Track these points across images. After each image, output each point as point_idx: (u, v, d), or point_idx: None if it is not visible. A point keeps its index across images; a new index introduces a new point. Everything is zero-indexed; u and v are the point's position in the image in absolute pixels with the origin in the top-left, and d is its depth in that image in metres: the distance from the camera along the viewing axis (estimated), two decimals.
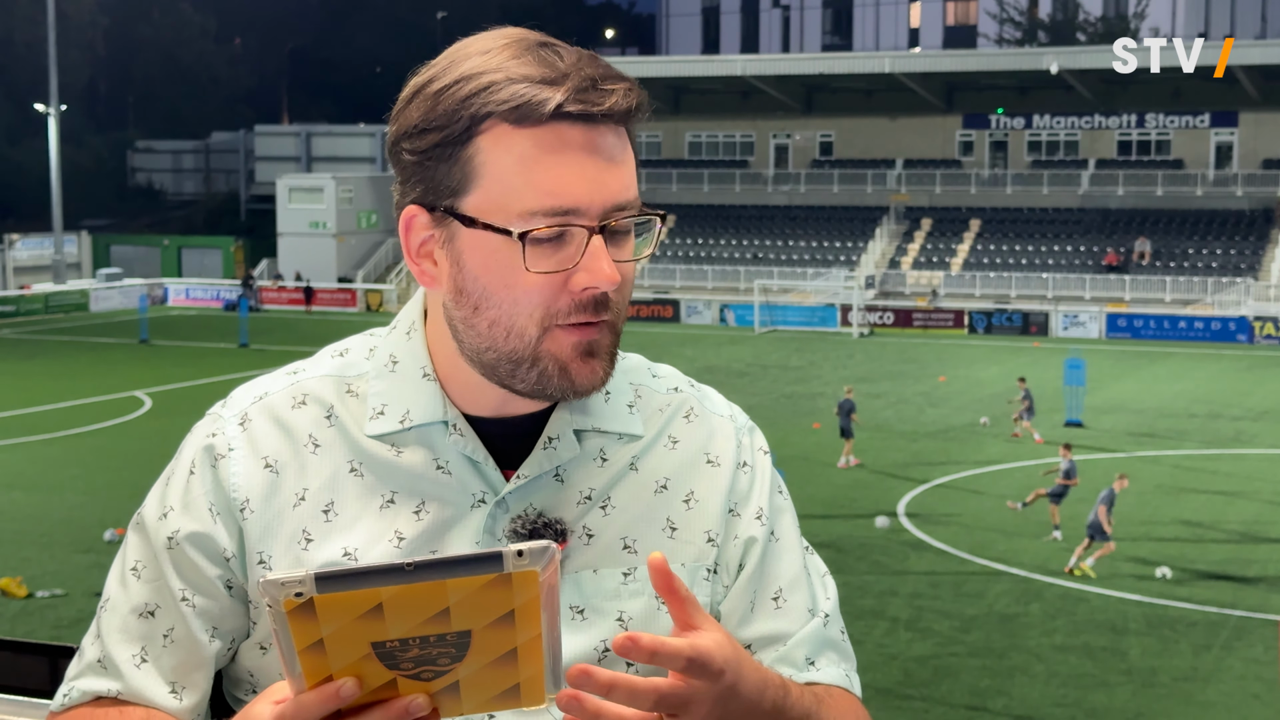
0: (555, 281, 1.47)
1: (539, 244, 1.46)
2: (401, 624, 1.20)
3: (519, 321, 1.49)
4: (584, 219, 1.47)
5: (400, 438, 1.57)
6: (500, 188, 1.46)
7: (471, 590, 1.19)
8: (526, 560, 1.18)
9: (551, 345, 1.49)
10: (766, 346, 42.54)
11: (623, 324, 1.55)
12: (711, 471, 1.63)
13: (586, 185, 1.47)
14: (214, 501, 1.56)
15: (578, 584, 1.55)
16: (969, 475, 23.86)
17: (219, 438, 1.58)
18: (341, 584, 1.18)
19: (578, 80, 1.47)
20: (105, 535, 19.22)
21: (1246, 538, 20.06)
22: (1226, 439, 27.57)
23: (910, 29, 76.14)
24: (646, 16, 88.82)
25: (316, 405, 1.59)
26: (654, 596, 1.55)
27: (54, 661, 4.97)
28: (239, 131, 76.56)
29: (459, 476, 1.55)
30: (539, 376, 1.50)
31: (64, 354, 40.61)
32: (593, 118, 1.48)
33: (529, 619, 1.21)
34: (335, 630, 1.20)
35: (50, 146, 56.91)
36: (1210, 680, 14.46)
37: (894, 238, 54.61)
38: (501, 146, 1.46)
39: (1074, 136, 55.88)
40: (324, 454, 1.57)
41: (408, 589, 1.18)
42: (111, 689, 1.55)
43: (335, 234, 57.81)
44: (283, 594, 1.18)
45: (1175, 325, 44.96)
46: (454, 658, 1.22)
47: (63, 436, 27.54)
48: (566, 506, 1.57)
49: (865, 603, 16.69)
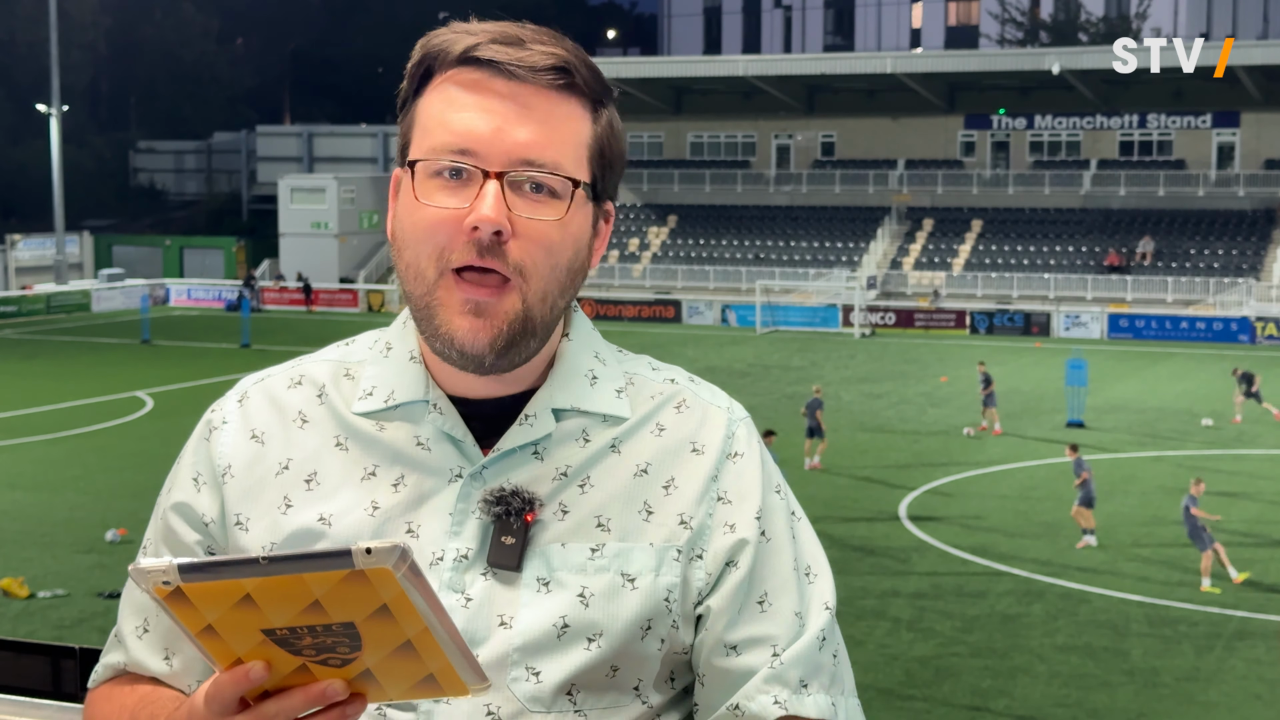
0: (450, 220, 1.51)
1: (439, 179, 1.52)
2: (279, 614, 1.23)
3: (421, 262, 1.53)
4: (480, 161, 1.51)
5: (385, 415, 1.62)
6: (421, 131, 1.56)
7: (331, 585, 1.21)
8: (375, 558, 1.19)
9: (444, 294, 1.53)
10: (768, 347, 42.53)
11: (540, 298, 1.54)
12: (695, 459, 1.62)
13: (488, 129, 1.51)
14: (200, 471, 1.66)
15: (545, 556, 1.56)
16: (971, 476, 23.85)
17: (217, 413, 1.69)
18: (203, 574, 1.23)
19: (499, 35, 1.54)
20: (107, 535, 19.21)
21: (1248, 538, 20.05)
22: (1228, 439, 27.56)
23: (912, 29, 76.11)
24: (648, 17, 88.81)
25: (310, 386, 1.67)
26: (619, 573, 1.56)
27: (55, 662, 4.97)
28: (241, 132, 76.56)
29: (438, 452, 1.59)
30: (432, 329, 1.54)
31: (66, 354, 40.62)
32: (500, 66, 1.52)
33: (406, 615, 1.23)
34: (219, 617, 1.24)
35: (52, 147, 56.94)
36: (1212, 681, 14.45)
37: (896, 238, 54.60)
38: (433, 92, 1.56)
39: (1076, 137, 55.86)
40: (311, 429, 1.64)
41: (269, 581, 1.22)
42: (121, 661, 1.67)
43: (337, 234, 57.81)
44: (150, 581, 1.23)
45: (1177, 326, 44.95)
46: (351, 646, 1.25)
47: (64, 437, 27.55)
48: (543, 482, 1.58)
49: (867, 603, 16.69)
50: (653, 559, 1.57)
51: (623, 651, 1.56)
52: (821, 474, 23.59)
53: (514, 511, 1.56)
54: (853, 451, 25.83)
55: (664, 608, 1.57)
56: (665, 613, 1.57)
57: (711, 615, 1.60)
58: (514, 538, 1.55)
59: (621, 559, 1.57)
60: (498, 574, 1.55)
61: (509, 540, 1.55)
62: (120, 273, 58.15)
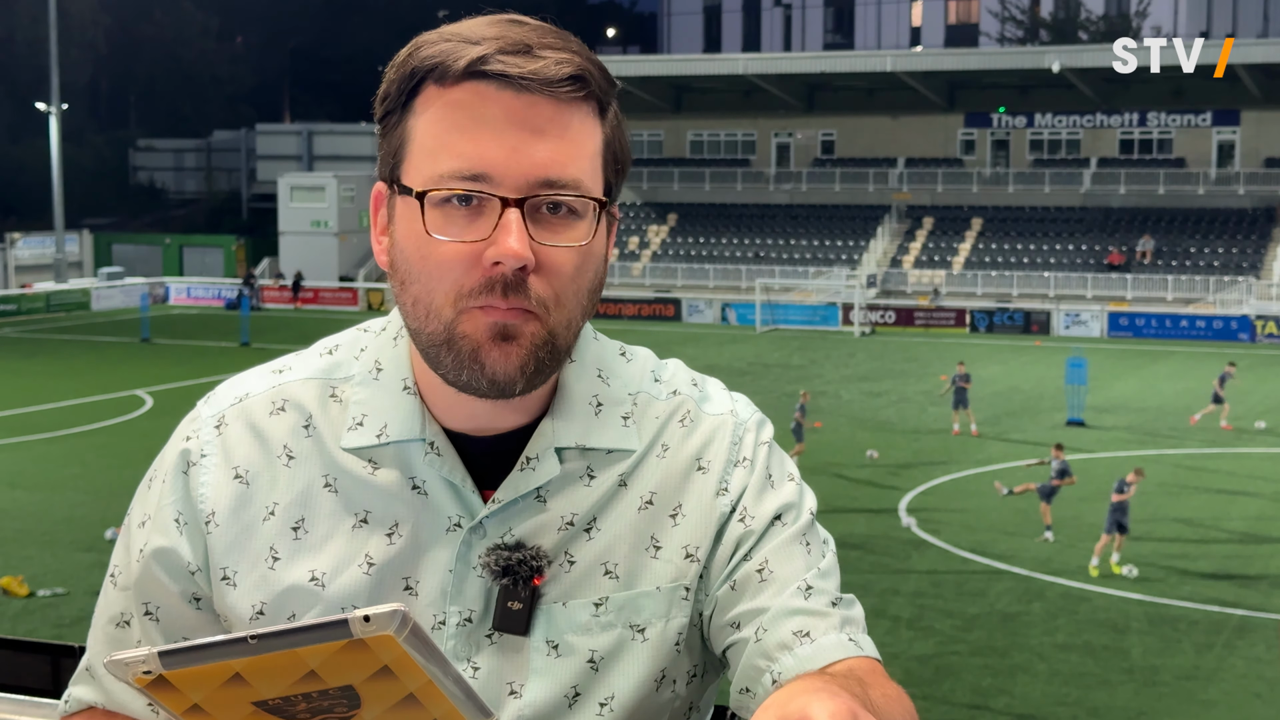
0: (467, 255, 1.37)
1: (449, 208, 1.38)
2: (271, 687, 1.16)
3: (436, 300, 1.40)
4: (497, 188, 1.37)
5: (377, 453, 1.49)
6: (421, 153, 1.40)
7: (328, 655, 1.14)
8: (374, 625, 1.12)
9: (467, 326, 1.39)
10: (768, 345, 42.53)
11: (564, 325, 1.43)
12: (700, 479, 1.53)
13: (504, 152, 1.37)
14: (181, 511, 1.52)
15: (550, 618, 1.47)
16: (971, 474, 23.85)
17: (193, 441, 1.55)
18: (186, 659, 1.15)
19: (507, 42, 1.38)
20: (107, 534, 19.21)
21: (1248, 537, 20.05)
22: (1228, 438, 27.56)
23: (912, 28, 76.10)
24: (648, 15, 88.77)
25: (295, 412, 1.53)
26: (627, 626, 1.48)
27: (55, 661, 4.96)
28: (240, 130, 76.55)
29: (435, 498, 1.48)
30: (454, 361, 1.40)
31: (65, 353, 40.62)
32: (512, 80, 1.37)
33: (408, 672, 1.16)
34: (206, 696, 1.17)
35: (52, 145, 56.91)
36: (1212, 679, 14.45)
37: (895, 236, 54.59)
38: (428, 108, 1.40)
39: (1076, 135, 55.86)
40: (298, 466, 1.51)
41: (259, 659, 1.14)
42: (97, 700, 1.55)
43: (337, 233, 57.81)
44: (129, 673, 1.15)
45: (1177, 324, 44.94)
46: (350, 705, 1.18)
47: (64, 435, 27.54)
48: (547, 532, 1.47)
49: (867, 602, 16.55)
50: (662, 604, 1.50)
51: (636, 709, 1.49)
52: (821, 473, 23.58)
53: (522, 579, 1.46)
54: (852, 450, 25.82)
55: (674, 652, 1.51)
56: (675, 655, 1.51)
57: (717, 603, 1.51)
58: (521, 603, 1.46)
59: (628, 610, 1.49)
60: (505, 639, 1.47)
61: (516, 605, 1.46)
62: (120, 271, 58.13)
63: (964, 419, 27.57)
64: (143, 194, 76.43)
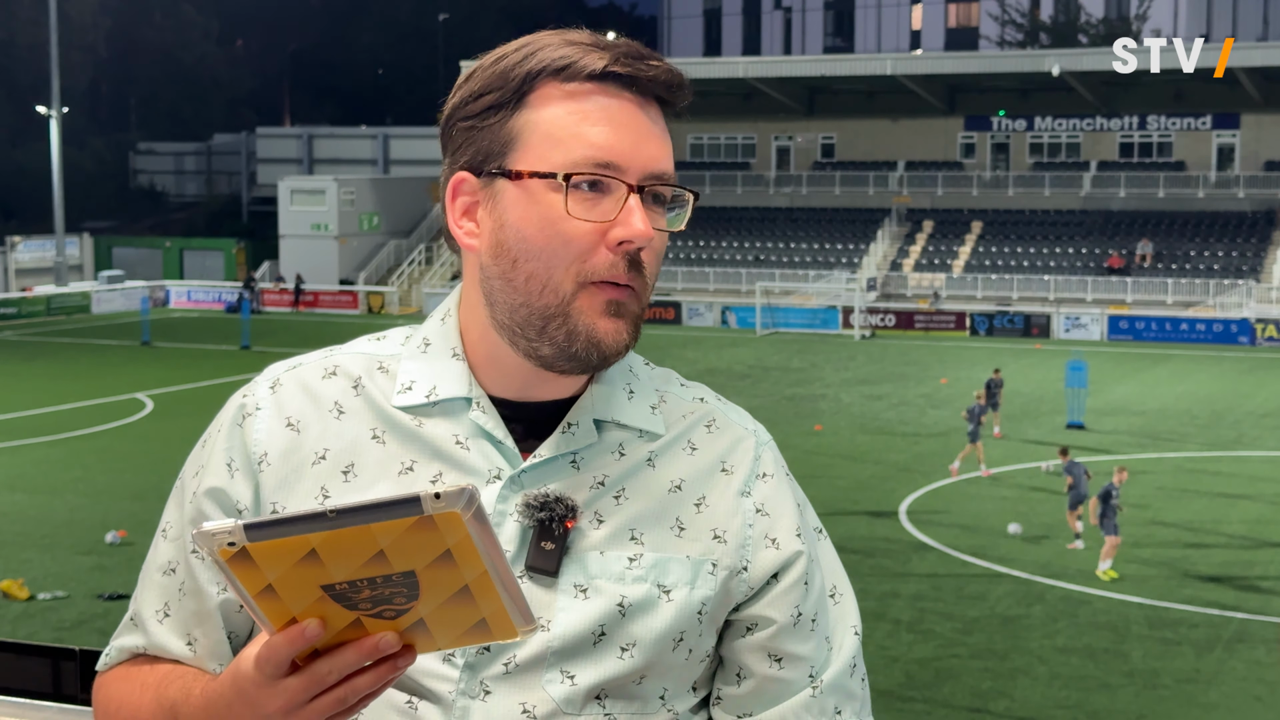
0: (593, 234, 1.53)
1: (580, 191, 1.53)
2: (342, 567, 1.23)
3: (556, 275, 1.54)
4: (624, 174, 1.54)
5: (425, 410, 1.62)
6: (548, 141, 1.54)
7: (399, 534, 1.22)
8: (444, 503, 1.20)
9: (584, 301, 1.54)
10: (768, 348, 42.53)
11: (648, 299, 1.60)
12: (725, 479, 1.66)
13: (629, 144, 1.55)
14: (234, 457, 1.63)
15: (583, 563, 1.58)
16: (971, 477, 23.85)
17: (249, 398, 1.66)
18: (269, 531, 1.22)
19: (625, 49, 1.57)
20: (107, 537, 19.21)
21: (1248, 540, 20.05)
22: (1228, 441, 27.56)
23: (912, 31, 76.13)
24: (648, 18, 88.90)
25: (345, 377, 1.66)
26: (655, 584, 1.59)
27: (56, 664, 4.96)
28: (241, 133, 76.59)
29: (478, 451, 1.60)
30: (567, 335, 1.55)
31: (65, 356, 40.62)
32: (637, 82, 1.56)
33: (468, 558, 1.24)
34: (280, 575, 1.24)
35: (52, 148, 56.92)
36: (1212, 682, 14.45)
37: (895, 240, 54.60)
38: (551, 103, 1.55)
39: (1075, 138, 55.88)
40: (348, 420, 1.63)
41: (336, 534, 1.21)
42: (139, 644, 1.65)
43: (337, 236, 57.81)
44: (215, 544, 1.23)
45: (1177, 327, 44.94)
46: (408, 596, 1.26)
47: (64, 438, 27.54)
48: (579, 490, 1.60)
49: (867, 604, 16.67)
50: (688, 572, 1.61)
51: (653, 661, 1.59)
52: (821, 475, 23.58)
53: (556, 518, 1.57)
54: (852, 453, 25.83)
55: (695, 620, 1.61)
56: (696, 624, 1.61)
57: (759, 623, 1.65)
58: (554, 543, 1.57)
59: (659, 570, 1.60)
60: (535, 578, 1.57)
61: (549, 546, 1.57)
62: (120, 274, 58.14)
63: (989, 420, 27.53)
64: (143, 197, 76.46)
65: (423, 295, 53.53)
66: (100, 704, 1.66)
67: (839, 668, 1.67)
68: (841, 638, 1.70)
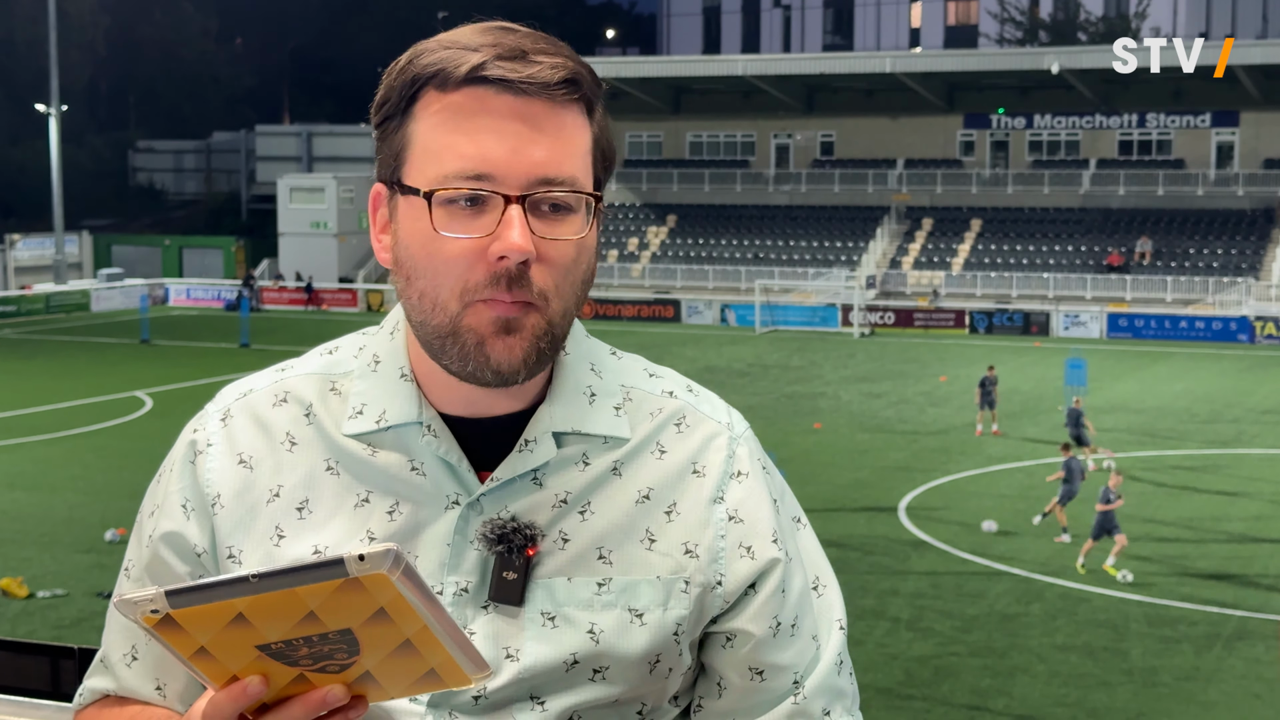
0: (472, 251, 1.45)
1: (454, 207, 1.45)
2: (273, 629, 1.21)
3: (441, 294, 1.47)
4: (500, 186, 1.44)
5: (376, 438, 1.56)
6: (424, 154, 1.48)
7: (326, 595, 1.19)
8: (369, 564, 1.17)
9: (471, 319, 1.46)
10: (767, 346, 42.53)
11: (561, 315, 1.50)
12: (696, 482, 1.58)
13: (504, 151, 1.45)
14: (189, 498, 1.59)
15: (550, 590, 1.52)
16: (970, 475, 23.85)
17: (200, 434, 1.61)
18: (192, 598, 1.20)
19: (503, 49, 1.47)
20: (106, 535, 19.22)
21: (1247, 538, 20.05)
22: (1227, 439, 27.56)
23: (911, 29, 76.10)
24: (647, 16, 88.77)
25: (296, 404, 1.60)
26: (626, 609, 1.53)
27: (55, 662, 4.97)
28: (240, 131, 76.54)
29: (433, 478, 1.54)
30: (460, 353, 1.48)
31: (65, 354, 40.61)
32: (511, 84, 1.45)
33: (404, 615, 1.21)
34: (212, 638, 1.22)
35: (51, 146, 56.91)
36: (1211, 680, 14.45)
37: (895, 238, 54.60)
38: (428, 112, 1.48)
39: (1075, 136, 55.86)
40: (300, 452, 1.57)
41: (261, 599, 1.19)
42: (109, 688, 1.63)
43: (336, 234, 57.81)
44: (138, 612, 1.20)
45: (1176, 325, 44.95)
46: (349, 652, 1.23)
47: (64, 436, 27.54)
48: (542, 510, 1.53)
49: (866, 602, 16.68)
50: (660, 593, 1.55)
51: (629, 684, 1.55)
52: (820, 473, 23.59)
53: (516, 548, 1.52)
54: (852, 451, 25.84)
55: (672, 641, 1.55)
56: (674, 645, 1.56)
57: (737, 636, 1.58)
58: (515, 573, 1.52)
59: (629, 594, 1.54)
60: (500, 609, 1.52)
61: (510, 575, 1.52)
62: (119, 272, 58.13)
63: (987, 419, 27.60)
64: (142, 195, 76.43)
65: None
66: None
67: (825, 667, 1.61)
68: (826, 634, 1.62)
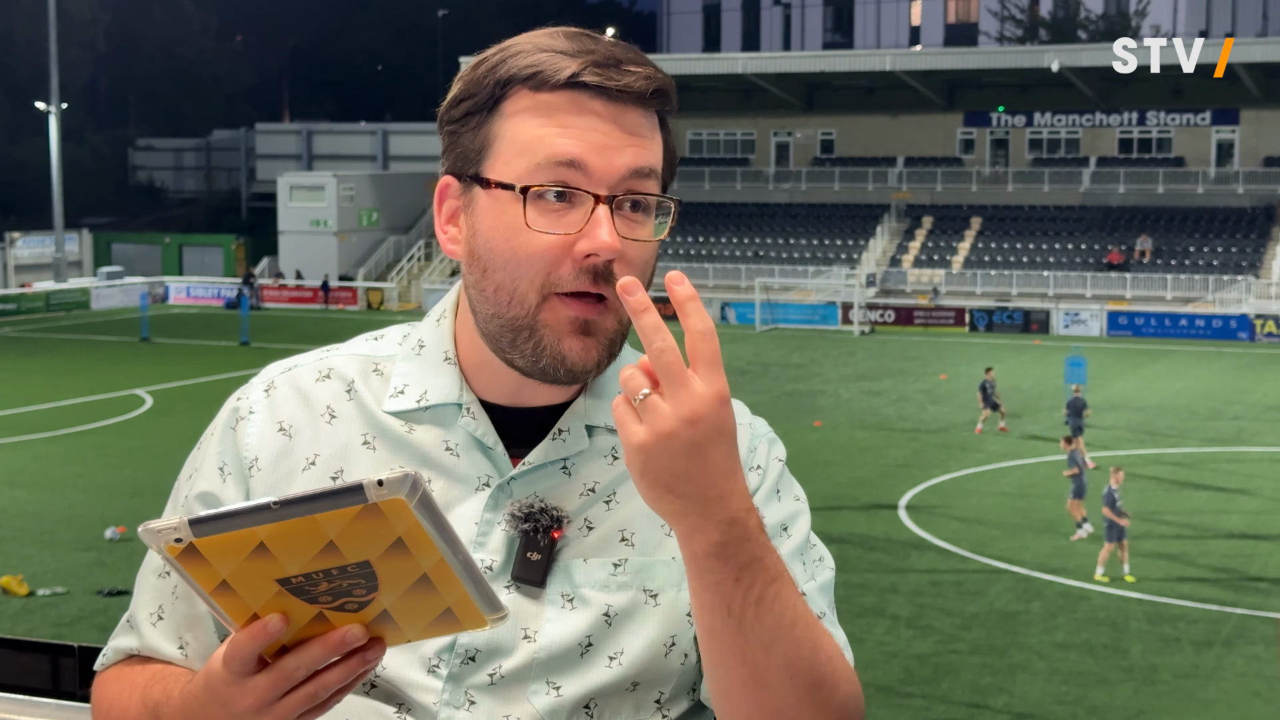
0: (558, 246, 1.50)
1: (543, 203, 1.50)
2: (293, 560, 1.23)
3: (521, 286, 1.51)
4: (590, 184, 1.50)
5: (415, 416, 1.61)
6: (514, 148, 1.52)
7: (346, 523, 1.20)
8: (387, 490, 1.19)
9: (549, 315, 1.52)
10: (767, 344, 42.54)
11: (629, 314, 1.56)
12: None
13: (596, 152, 1.50)
14: (226, 461, 1.63)
15: (568, 572, 1.57)
16: (970, 473, 23.86)
17: (243, 401, 1.66)
18: (215, 526, 1.21)
19: (599, 57, 1.53)
20: (106, 533, 19.21)
21: (1247, 536, 20.05)
22: (1227, 437, 27.56)
23: (911, 27, 76.09)
24: (647, 14, 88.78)
25: (339, 380, 1.65)
26: (641, 589, 1.57)
27: (55, 660, 4.96)
28: (240, 129, 76.52)
29: (467, 458, 1.59)
30: (534, 349, 1.52)
31: (65, 352, 40.61)
32: (608, 91, 1.51)
33: (421, 546, 1.22)
34: (234, 571, 1.23)
35: (51, 144, 56.89)
36: (1211, 678, 14.46)
37: (895, 235, 54.60)
38: (520, 110, 1.53)
39: (1075, 134, 55.85)
40: (339, 425, 1.62)
41: (282, 526, 1.21)
42: (134, 646, 1.66)
43: (336, 232, 57.79)
44: (161, 540, 1.22)
45: (1176, 323, 44.95)
46: (368, 588, 1.25)
47: (64, 434, 27.54)
48: (570, 497, 1.59)
49: (866, 600, 16.69)
50: (675, 574, 1.58)
51: (644, 668, 1.57)
52: (820, 471, 23.59)
53: (542, 529, 1.56)
54: (852, 449, 25.84)
55: (686, 622, 1.58)
56: (687, 627, 1.58)
57: None
58: (540, 554, 1.56)
59: (644, 574, 1.58)
60: (521, 588, 1.56)
61: (534, 556, 1.56)
62: (119, 270, 58.11)
63: (993, 418, 27.48)
64: (142, 193, 76.41)
65: (422, 291, 53.53)
66: (95, 703, 1.68)
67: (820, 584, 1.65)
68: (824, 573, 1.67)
